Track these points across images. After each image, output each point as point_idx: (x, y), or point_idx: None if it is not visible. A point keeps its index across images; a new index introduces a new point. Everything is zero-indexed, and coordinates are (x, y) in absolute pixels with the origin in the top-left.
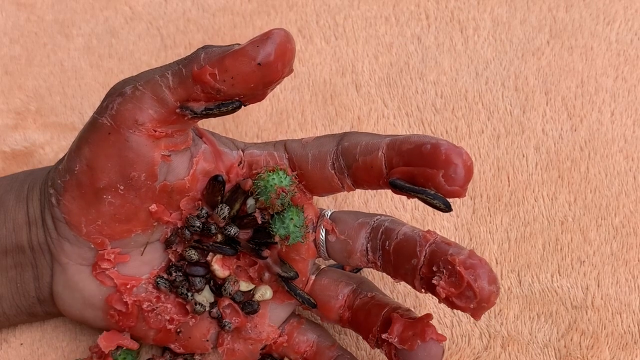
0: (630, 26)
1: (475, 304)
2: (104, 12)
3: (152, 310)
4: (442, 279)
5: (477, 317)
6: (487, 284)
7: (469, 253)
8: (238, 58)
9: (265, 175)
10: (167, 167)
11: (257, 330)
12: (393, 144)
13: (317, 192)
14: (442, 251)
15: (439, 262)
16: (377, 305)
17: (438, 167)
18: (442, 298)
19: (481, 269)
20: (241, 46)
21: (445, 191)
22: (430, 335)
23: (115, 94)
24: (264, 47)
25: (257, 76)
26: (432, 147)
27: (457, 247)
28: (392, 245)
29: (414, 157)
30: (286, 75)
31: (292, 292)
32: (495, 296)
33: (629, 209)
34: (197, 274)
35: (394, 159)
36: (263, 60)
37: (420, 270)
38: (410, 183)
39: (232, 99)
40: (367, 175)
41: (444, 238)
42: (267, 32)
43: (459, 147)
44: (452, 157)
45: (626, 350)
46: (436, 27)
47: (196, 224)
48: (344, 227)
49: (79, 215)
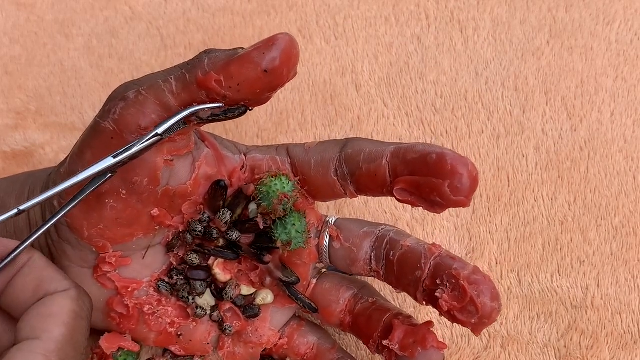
0: (630, 26)
1: (477, 320)
2: (104, 12)
3: (153, 314)
4: (445, 292)
5: (477, 333)
6: (490, 300)
7: (474, 269)
8: (244, 65)
9: (267, 180)
10: (169, 171)
11: (257, 334)
12: (397, 153)
13: (320, 198)
14: (446, 265)
15: (443, 275)
16: (379, 311)
17: (444, 177)
18: (443, 311)
19: (485, 285)
20: (246, 52)
21: (451, 201)
22: (431, 343)
23: (118, 98)
24: (270, 53)
25: (263, 82)
26: (438, 157)
27: (462, 262)
28: (397, 255)
29: (419, 166)
30: (291, 79)
31: (293, 296)
32: (497, 313)
33: (628, 209)
34: (199, 278)
35: (398, 167)
36: (269, 67)
37: (424, 282)
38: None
39: (238, 104)
40: (371, 183)
41: (449, 252)
42: (272, 38)
43: (465, 158)
44: (457, 168)
45: (626, 350)
46: (436, 27)
47: (198, 228)
48: (348, 234)
49: (81, 219)
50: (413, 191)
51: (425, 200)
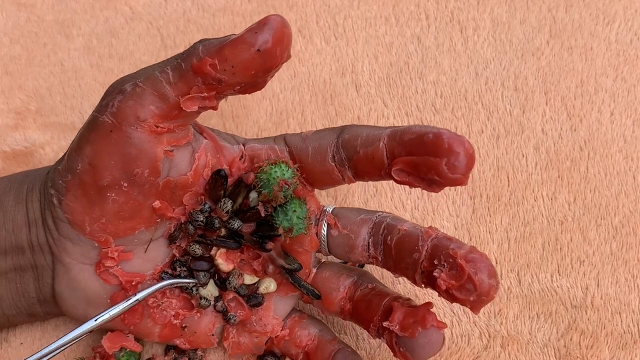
0: (630, 26)
1: (475, 297)
2: (104, 12)
3: (157, 306)
4: (443, 271)
5: (476, 311)
6: (487, 277)
7: (470, 248)
8: (237, 46)
9: (267, 168)
10: (169, 162)
11: (262, 323)
12: (394, 135)
13: (318, 185)
14: (443, 245)
15: (440, 255)
16: (378, 295)
17: (441, 155)
18: (442, 290)
19: (482, 263)
20: (239, 34)
21: (448, 179)
22: (431, 322)
23: (115, 91)
24: (262, 33)
25: (257, 63)
26: (435, 136)
27: (458, 242)
28: (394, 240)
29: (416, 146)
30: (285, 60)
31: (296, 283)
32: (495, 290)
33: (628, 208)
34: (202, 269)
35: (395, 149)
36: (262, 47)
37: (422, 264)
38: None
39: (234, 88)
40: (369, 166)
41: (445, 234)
42: (264, 19)
43: (461, 136)
44: (454, 146)
45: (626, 349)
46: (436, 27)
47: (199, 218)
48: (346, 222)
49: (83, 214)
50: (411, 171)
51: (423, 179)
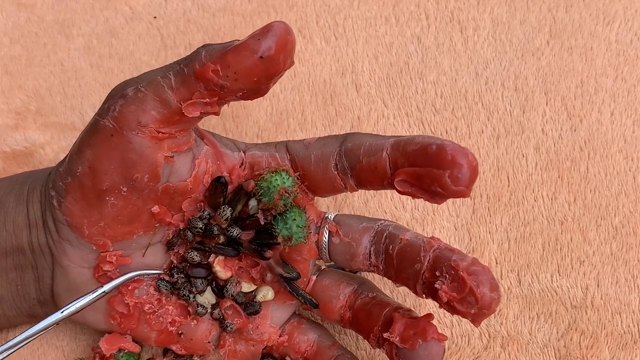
0: (630, 26)
1: (476, 310)
2: (104, 12)
3: (153, 313)
4: (444, 283)
5: (477, 324)
6: (489, 290)
7: (473, 260)
8: (240, 52)
9: (268, 176)
10: (169, 168)
11: (258, 331)
12: (397, 145)
13: (320, 193)
14: (445, 257)
15: (442, 267)
16: (378, 305)
17: (444, 167)
18: (443, 302)
19: (484, 276)
20: (242, 41)
21: (451, 191)
22: (431, 334)
23: (117, 95)
24: (265, 40)
25: (259, 70)
26: (438, 147)
27: (461, 254)
28: (396, 249)
29: (420, 157)
30: (288, 67)
31: (294, 292)
32: (496, 303)
33: (628, 209)
34: (199, 276)
35: (398, 159)
36: (265, 54)
37: (423, 275)
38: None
39: (236, 94)
40: (371, 175)
41: (447, 245)
42: (267, 25)
43: (465, 148)
44: (457, 158)
45: (626, 350)
46: (436, 27)
47: (198, 225)
48: (348, 230)
49: (81, 217)
50: (414, 182)
51: (425, 191)
